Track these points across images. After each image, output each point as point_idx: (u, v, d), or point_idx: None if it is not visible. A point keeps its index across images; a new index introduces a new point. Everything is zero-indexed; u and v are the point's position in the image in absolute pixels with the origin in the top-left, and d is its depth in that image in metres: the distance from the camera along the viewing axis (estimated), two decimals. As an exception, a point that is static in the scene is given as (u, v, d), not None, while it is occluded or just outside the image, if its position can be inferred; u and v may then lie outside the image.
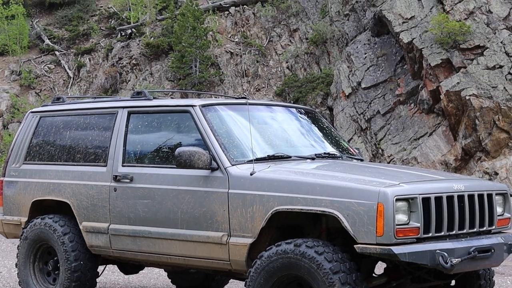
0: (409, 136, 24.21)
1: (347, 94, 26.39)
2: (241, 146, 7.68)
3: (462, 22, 23.63)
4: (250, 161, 7.36)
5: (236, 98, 9.22)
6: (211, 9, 33.12)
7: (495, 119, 22.31)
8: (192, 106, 7.92)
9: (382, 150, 24.53)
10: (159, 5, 35.64)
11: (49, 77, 35.55)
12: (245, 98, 8.66)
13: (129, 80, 32.96)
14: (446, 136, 23.35)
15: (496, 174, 22.06)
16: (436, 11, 24.70)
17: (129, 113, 8.53)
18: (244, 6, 33.47)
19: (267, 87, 30.24)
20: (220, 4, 33.75)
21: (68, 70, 35.59)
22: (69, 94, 33.83)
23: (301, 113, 8.95)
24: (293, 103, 27.92)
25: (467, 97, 22.44)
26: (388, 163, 23.90)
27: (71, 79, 35.16)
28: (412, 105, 24.79)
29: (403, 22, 25.01)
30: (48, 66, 36.08)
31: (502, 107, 22.24)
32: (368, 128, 25.40)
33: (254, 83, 30.45)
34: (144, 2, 35.40)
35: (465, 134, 22.69)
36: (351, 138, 25.47)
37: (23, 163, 9.48)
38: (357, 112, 25.88)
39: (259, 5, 33.09)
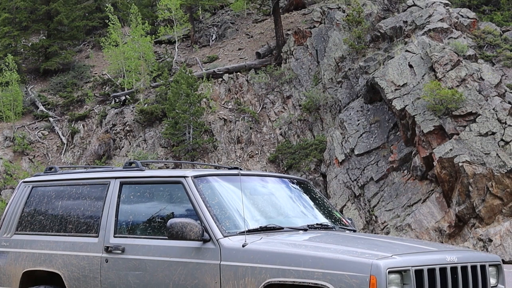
0: (403, 203, 24.20)
1: (340, 160, 26.44)
2: (233, 217, 7.66)
3: (454, 90, 23.82)
4: (242, 233, 7.34)
5: (229, 169, 9.22)
6: (205, 76, 33.34)
7: (488, 185, 22.34)
8: (184, 177, 7.92)
9: (376, 217, 24.49)
10: (154, 72, 35.88)
11: (42, 143, 35.59)
12: (237, 168, 8.67)
13: (122, 147, 33.00)
14: (439, 203, 23.35)
15: (490, 241, 22.00)
16: (428, 78, 24.91)
17: (121, 184, 8.51)
18: (238, 73, 33.73)
19: (260, 153, 30.29)
20: (213, 71, 34.00)
21: (61, 136, 35.64)
22: (63, 161, 33.82)
23: (293, 184, 8.95)
24: (286, 169, 27.94)
25: (460, 164, 22.51)
26: (382, 229, 23.84)
27: (65, 145, 35.18)
28: (405, 171, 24.83)
29: (396, 89, 25.19)
30: (41, 132, 36.14)
31: (495, 173, 22.29)
32: (362, 195, 25.39)
33: (248, 150, 30.51)
34: (139, 69, 35.64)
35: (458, 200, 22.69)
36: (345, 205, 25.44)
37: (15, 233, 9.41)
38: (350, 178, 25.90)
39: (253, 72, 33.36)
